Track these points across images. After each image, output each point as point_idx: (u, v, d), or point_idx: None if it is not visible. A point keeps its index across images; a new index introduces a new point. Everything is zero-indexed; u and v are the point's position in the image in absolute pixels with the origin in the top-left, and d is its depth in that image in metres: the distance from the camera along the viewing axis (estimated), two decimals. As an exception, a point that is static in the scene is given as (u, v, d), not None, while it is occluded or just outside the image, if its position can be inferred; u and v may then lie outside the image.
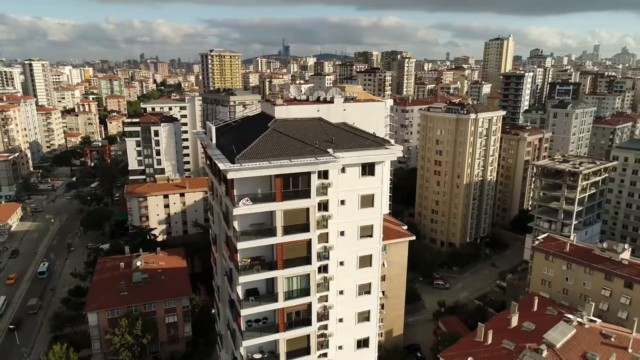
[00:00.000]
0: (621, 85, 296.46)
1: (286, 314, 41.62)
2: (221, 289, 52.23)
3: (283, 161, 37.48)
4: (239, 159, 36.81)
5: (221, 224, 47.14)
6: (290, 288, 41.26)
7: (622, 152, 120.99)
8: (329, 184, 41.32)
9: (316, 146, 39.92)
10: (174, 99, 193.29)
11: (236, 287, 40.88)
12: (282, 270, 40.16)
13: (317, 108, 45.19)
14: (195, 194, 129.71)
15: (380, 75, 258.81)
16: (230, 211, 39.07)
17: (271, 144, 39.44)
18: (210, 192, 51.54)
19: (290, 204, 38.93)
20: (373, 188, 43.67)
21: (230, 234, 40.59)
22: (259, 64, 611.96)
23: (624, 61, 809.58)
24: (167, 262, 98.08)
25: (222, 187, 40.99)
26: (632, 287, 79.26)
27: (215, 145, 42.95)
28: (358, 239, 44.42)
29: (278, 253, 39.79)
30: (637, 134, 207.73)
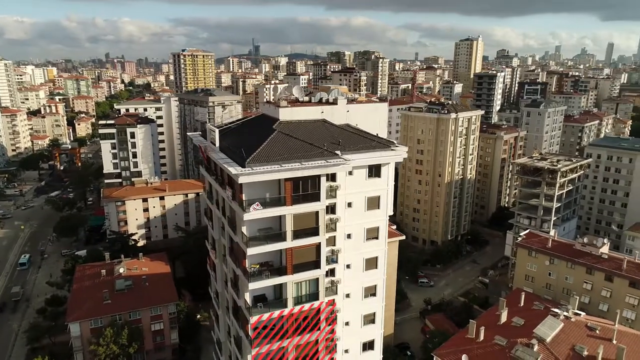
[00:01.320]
0: (585, 85, 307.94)
1: (295, 319, 40.87)
2: (221, 295, 50.97)
3: (294, 164, 36.75)
4: (249, 162, 35.85)
5: (224, 229, 45.97)
6: (299, 293, 40.58)
7: (595, 150, 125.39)
8: (337, 186, 40.85)
9: (325, 148, 39.36)
10: (149, 99, 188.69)
11: (244, 293, 39.89)
12: (292, 276, 39.44)
13: (321, 109, 44.62)
14: (176, 197, 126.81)
15: (356, 75, 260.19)
16: (239, 216, 38.06)
17: (279, 147, 38.64)
18: (209, 195, 50.16)
19: (300, 207, 38.24)
20: (379, 190, 43.46)
21: (238, 239, 39.56)
22: (231, 64, 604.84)
23: (584, 61, 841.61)
24: (151, 267, 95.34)
25: (227, 191, 39.85)
26: (612, 280, 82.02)
27: (219, 149, 41.77)
28: (364, 241, 44.15)
29: (288, 258, 39.02)
30: (604, 131, 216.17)
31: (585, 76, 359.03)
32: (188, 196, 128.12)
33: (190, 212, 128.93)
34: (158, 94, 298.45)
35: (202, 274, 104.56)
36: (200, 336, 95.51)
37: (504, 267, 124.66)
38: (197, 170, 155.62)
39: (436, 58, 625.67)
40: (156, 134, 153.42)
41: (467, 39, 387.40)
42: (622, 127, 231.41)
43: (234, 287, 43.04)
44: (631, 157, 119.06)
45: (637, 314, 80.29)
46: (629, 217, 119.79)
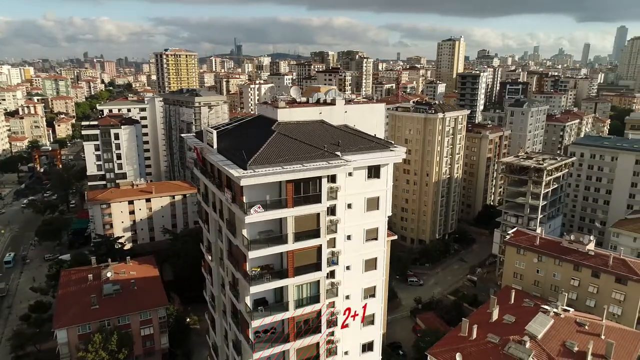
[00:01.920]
0: (565, 85, 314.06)
1: (295, 323, 40.48)
2: (217, 298, 50.23)
3: (295, 166, 36.33)
4: (251, 164, 35.31)
5: (221, 232, 45.30)
6: (300, 296, 40.17)
7: (579, 148, 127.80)
8: (337, 187, 40.58)
9: (325, 149, 39.05)
10: (132, 100, 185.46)
11: (244, 297, 39.31)
12: (293, 278, 39.00)
13: (320, 110, 44.28)
14: (162, 199, 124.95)
15: (341, 75, 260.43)
16: (239, 219, 37.49)
17: (280, 148, 38.16)
18: (204, 198, 49.36)
19: (301, 209, 37.83)
20: (379, 190, 43.34)
21: (238, 242, 38.95)
22: (213, 64, 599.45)
23: (562, 62, 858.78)
24: (139, 271, 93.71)
25: (226, 194, 39.20)
26: (599, 276, 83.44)
27: (217, 151, 41.09)
28: (364, 243, 43.97)
29: (289, 260, 38.58)
30: (584, 130, 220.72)
31: (564, 76, 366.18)
32: (175, 198, 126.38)
33: (177, 214, 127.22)
34: (140, 94, 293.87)
35: (191, 276, 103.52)
36: (191, 340, 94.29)
37: (492, 265, 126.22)
38: (183, 172, 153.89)
39: (418, 58, 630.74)
40: (141, 135, 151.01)
41: (449, 40, 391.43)
42: (602, 126, 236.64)
43: (233, 291, 42.40)
44: (613, 156, 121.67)
45: (623, 309, 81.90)
46: (612, 214, 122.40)
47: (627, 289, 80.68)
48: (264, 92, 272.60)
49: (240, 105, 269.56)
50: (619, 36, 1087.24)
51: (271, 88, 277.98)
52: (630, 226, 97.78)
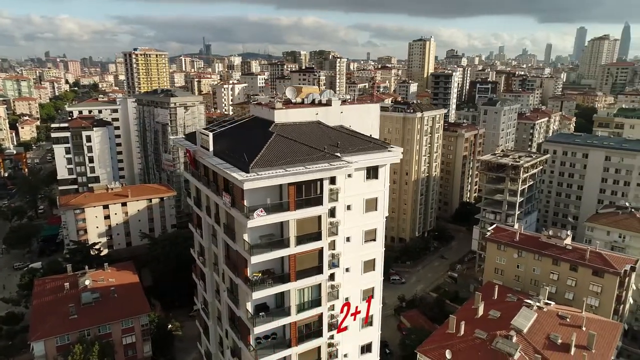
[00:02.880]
0: (532, 84, 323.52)
1: (297, 327, 39.83)
2: (211, 305, 48.96)
3: (298, 168, 35.66)
4: (253, 167, 34.42)
5: (216, 237, 44.19)
6: (301, 300, 39.54)
7: (551, 146, 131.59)
8: (338, 189, 40.13)
9: (326, 151, 38.54)
10: (103, 101, 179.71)
11: (245, 303, 38.38)
12: (295, 282, 38.35)
13: (316, 111, 43.71)
14: (139, 203, 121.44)
15: (315, 75, 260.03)
16: (240, 223, 36.57)
17: (280, 150, 37.40)
18: (196, 202, 48.02)
19: (303, 212, 37.20)
20: (377, 191, 43.18)
21: (238, 247, 37.99)
22: (183, 63, 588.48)
23: (527, 61, 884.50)
24: (118, 278, 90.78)
25: (224, 197, 38.18)
26: (577, 269, 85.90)
27: (213, 154, 39.97)
28: (363, 244, 43.71)
29: (291, 264, 37.89)
30: (552, 128, 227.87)
31: (531, 76, 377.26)
32: (152, 201, 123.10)
33: (154, 218, 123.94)
34: (109, 94, 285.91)
35: (171, 281, 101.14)
36: (174, 347, 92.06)
37: (471, 261, 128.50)
38: (159, 174, 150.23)
39: (389, 58, 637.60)
40: (113, 137, 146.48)
41: (420, 40, 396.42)
42: (568, 123, 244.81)
43: (231, 297, 41.35)
44: (584, 152, 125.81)
45: (600, 301, 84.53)
46: (583, 209, 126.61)
47: (604, 281, 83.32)
48: (237, 92, 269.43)
49: (214, 106, 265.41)
50: (579, 37, 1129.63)
51: (245, 88, 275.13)
52: (603, 220, 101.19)
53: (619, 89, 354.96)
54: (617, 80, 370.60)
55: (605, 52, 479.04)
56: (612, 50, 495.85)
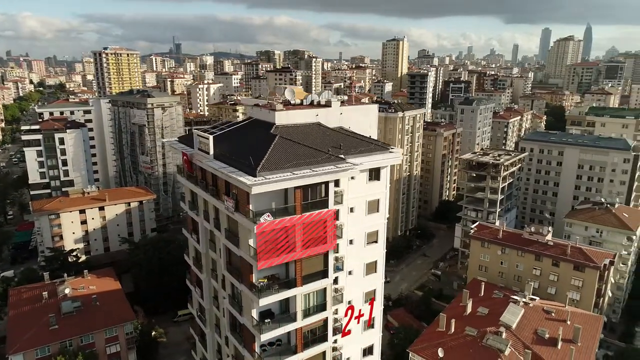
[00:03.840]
0: (503, 83, 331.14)
1: (303, 333, 39.13)
2: (208, 312, 47.65)
3: (305, 171, 34.95)
4: (260, 171, 33.51)
5: (214, 242, 43.03)
6: (307, 305, 38.85)
7: (529, 144, 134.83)
8: (342, 192, 39.60)
9: (331, 153, 37.96)
10: (74, 102, 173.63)
11: (250, 310, 37.42)
12: (301, 287, 37.63)
13: (316, 112, 43.05)
14: (117, 207, 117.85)
15: (292, 75, 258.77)
16: (246, 228, 35.59)
17: (285, 153, 36.59)
18: (191, 206, 46.60)
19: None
20: (379, 193, 42.88)
21: (242, 253, 36.99)
22: (154, 63, 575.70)
23: (495, 61, 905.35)
24: (99, 285, 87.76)
25: (227, 202, 37.11)
26: (559, 265, 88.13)
27: (213, 157, 38.81)
28: (365, 246, 43.32)
29: (297, 269, 37.15)
30: (524, 126, 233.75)
31: (502, 75, 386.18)
32: (131, 205, 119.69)
33: (134, 222, 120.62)
34: (78, 95, 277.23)
35: (154, 287, 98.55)
36: (158, 354, 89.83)
37: (453, 259, 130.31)
38: (136, 177, 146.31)
39: (362, 57, 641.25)
40: (87, 139, 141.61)
41: (393, 40, 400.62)
42: (539, 122, 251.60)
43: (234, 304, 40.26)
44: (560, 150, 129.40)
45: (582, 295, 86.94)
46: (560, 204, 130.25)
47: (585, 276, 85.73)
48: (212, 92, 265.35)
49: (189, 106, 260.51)
50: (544, 37, 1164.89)
51: (220, 88, 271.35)
52: (581, 216, 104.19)
53: (584, 88, 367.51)
54: (582, 79, 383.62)
55: (570, 52, 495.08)
56: (576, 50, 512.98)
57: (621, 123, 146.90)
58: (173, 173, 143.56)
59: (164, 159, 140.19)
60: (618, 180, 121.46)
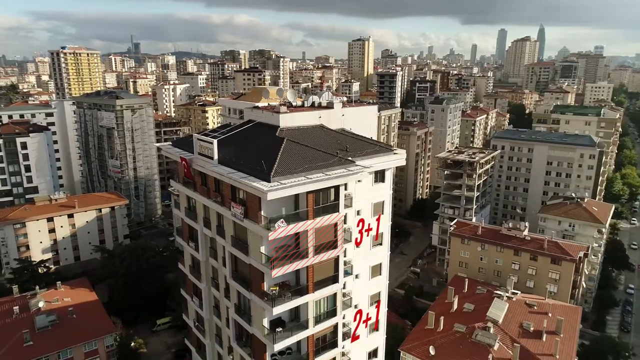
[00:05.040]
0: (467, 82, 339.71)
1: (314, 340, 38.29)
2: (208, 322, 45.94)
3: (318, 175, 34.10)
4: (274, 176, 32.40)
5: (216, 250, 41.51)
6: (318, 312, 38.03)
7: (500, 141, 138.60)
8: (351, 195, 38.98)
9: (340, 156, 37.27)
10: (34, 104, 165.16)
11: (261, 319, 36.23)
12: (313, 294, 36.76)
13: (319, 114, 42.22)
14: (87, 214, 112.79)
15: (260, 75, 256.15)
16: (257, 235, 34.39)
17: (295, 157, 35.58)
18: (188, 213, 44.76)
19: (321, 220, 35.67)
20: (384, 195, 42.55)
21: (252, 261, 35.73)
22: (113, 63, 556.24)
23: (455, 61, 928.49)
24: (74, 297, 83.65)
25: (234, 209, 35.77)
26: (537, 259, 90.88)
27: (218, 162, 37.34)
28: (371, 249, 42.89)
29: (309, 275, 36.25)
30: (489, 124, 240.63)
31: (465, 75, 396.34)
32: (102, 211, 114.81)
33: (105, 229, 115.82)
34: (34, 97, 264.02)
35: (132, 296, 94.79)
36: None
37: (430, 256, 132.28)
38: (105, 182, 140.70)
39: (327, 57, 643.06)
40: (52, 143, 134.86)
41: (359, 39, 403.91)
42: (503, 120, 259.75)
43: (241, 314, 38.93)
44: (530, 147, 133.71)
45: (559, 287, 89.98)
46: (530, 200, 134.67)
47: (562, 269, 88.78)
48: (179, 93, 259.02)
49: (155, 107, 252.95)
50: (500, 38, 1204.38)
51: (187, 89, 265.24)
52: (554, 211, 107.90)
53: (542, 86, 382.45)
54: (540, 78, 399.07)
55: (527, 52, 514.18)
56: (533, 50, 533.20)
57: (584, 120, 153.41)
58: (144, 177, 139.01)
59: (135, 162, 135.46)
60: (585, 175, 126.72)
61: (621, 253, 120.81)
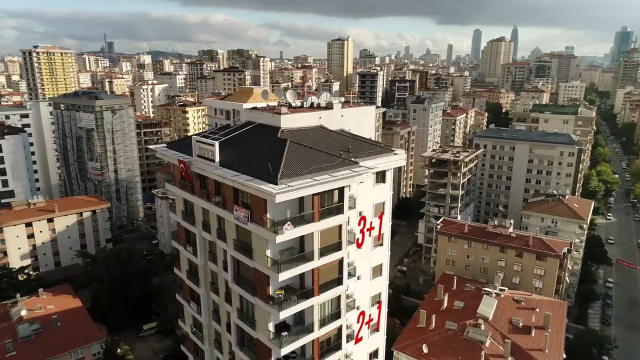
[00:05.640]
0: (446, 82, 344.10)
1: (319, 343, 37.94)
2: (207, 327, 45.04)
3: (324, 176, 33.74)
4: (282, 178, 31.89)
5: (215, 254, 40.76)
6: (323, 314, 37.68)
7: (482, 140, 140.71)
8: (354, 196, 38.74)
9: (343, 157, 37.00)
10: (8, 105, 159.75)
11: (266, 323, 35.69)
12: (318, 297, 36.39)
13: (319, 115, 41.84)
14: (68, 218, 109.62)
15: (241, 75, 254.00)
16: (262, 239, 33.82)
17: (299, 159, 35.09)
18: (185, 217, 43.77)
19: (327, 222, 35.35)
20: (385, 195, 42.47)
21: (257, 265, 35.14)
22: (87, 62, 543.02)
23: (432, 61, 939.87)
24: (57, 304, 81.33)
25: (237, 212, 35.11)
26: (522, 255, 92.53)
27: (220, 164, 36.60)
28: (372, 250, 42.77)
29: (314, 278, 35.86)
30: (469, 123, 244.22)
31: (444, 75, 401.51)
32: (83, 215, 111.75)
33: (87, 234, 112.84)
34: (6, 97, 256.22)
35: (118, 302, 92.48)
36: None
37: (416, 254, 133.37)
38: (84, 185, 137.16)
39: (306, 57, 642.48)
40: (28, 145, 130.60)
41: (338, 39, 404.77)
42: (482, 119, 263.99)
43: (244, 318, 38.26)
44: (511, 146, 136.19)
45: (544, 283, 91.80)
46: (512, 197, 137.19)
47: (547, 265, 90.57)
48: (157, 93, 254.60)
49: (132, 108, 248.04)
50: (475, 38, 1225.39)
51: (165, 89, 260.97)
52: (537, 208, 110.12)
53: (517, 86, 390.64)
54: (516, 78, 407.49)
55: (502, 52, 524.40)
56: (508, 50, 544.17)
57: (562, 119, 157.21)
58: (126, 179, 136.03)
59: (116, 164, 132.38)
60: (564, 172, 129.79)
61: (600, 248, 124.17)
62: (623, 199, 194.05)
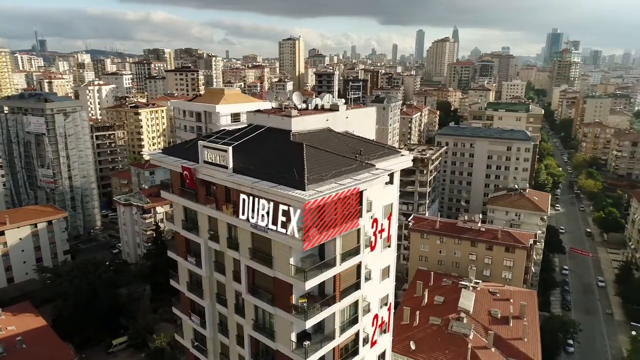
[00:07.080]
0: (397, 81, 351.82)
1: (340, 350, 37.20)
2: (212, 341, 42.94)
3: (347, 180, 33.00)
4: (309, 184, 30.79)
5: (223, 264, 38.99)
6: (343, 320, 36.97)
7: (444, 138, 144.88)
8: (370, 198, 38.20)
9: (359, 159, 36.41)
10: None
11: (289, 334, 34.48)
12: (340, 303, 35.65)
13: (327, 117, 40.94)
14: (21, 230, 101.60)
15: (194, 75, 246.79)
16: (285, 247, 32.61)
17: (319, 162, 34.05)
18: (188, 226, 41.44)
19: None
20: (393, 197, 42.30)
21: (278, 274, 33.82)
22: (20, 62, 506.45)
23: (379, 60, 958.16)
24: (19, 324, 75.55)
25: (253, 219, 33.62)
26: (492, 248, 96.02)
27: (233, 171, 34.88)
28: (382, 252, 42.49)
29: (336, 284, 35.06)
30: (423, 121, 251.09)
31: (395, 74, 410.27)
32: (38, 226, 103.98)
33: (42, 246, 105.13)
34: None
35: (84, 318, 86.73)
36: (101, 392, 79.81)
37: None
38: (34, 193, 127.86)
39: (255, 56, 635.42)
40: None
41: (289, 39, 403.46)
42: (434, 117, 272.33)
43: (261, 329, 36.76)
44: (471, 143, 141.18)
45: (513, 274, 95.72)
46: (474, 192, 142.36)
47: (515, 256, 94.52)
48: (105, 94, 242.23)
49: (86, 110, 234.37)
50: (419, 38, 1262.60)
51: (113, 90, 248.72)
52: (501, 202, 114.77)
53: (464, 84, 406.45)
54: (462, 77, 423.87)
55: (447, 52, 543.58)
56: (452, 50, 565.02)
57: (515, 116, 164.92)
58: (81, 186, 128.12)
59: (70, 170, 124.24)
60: (521, 167, 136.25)
61: (555, 237, 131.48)
62: (567, 190, 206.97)
